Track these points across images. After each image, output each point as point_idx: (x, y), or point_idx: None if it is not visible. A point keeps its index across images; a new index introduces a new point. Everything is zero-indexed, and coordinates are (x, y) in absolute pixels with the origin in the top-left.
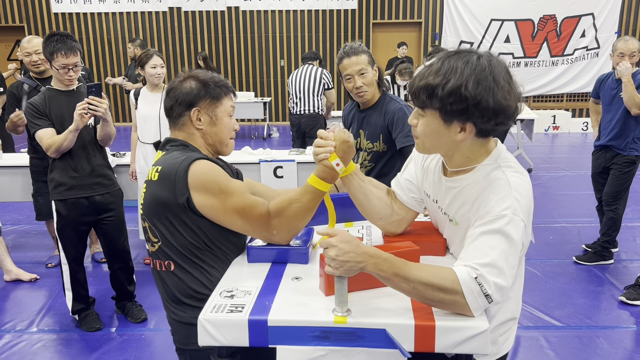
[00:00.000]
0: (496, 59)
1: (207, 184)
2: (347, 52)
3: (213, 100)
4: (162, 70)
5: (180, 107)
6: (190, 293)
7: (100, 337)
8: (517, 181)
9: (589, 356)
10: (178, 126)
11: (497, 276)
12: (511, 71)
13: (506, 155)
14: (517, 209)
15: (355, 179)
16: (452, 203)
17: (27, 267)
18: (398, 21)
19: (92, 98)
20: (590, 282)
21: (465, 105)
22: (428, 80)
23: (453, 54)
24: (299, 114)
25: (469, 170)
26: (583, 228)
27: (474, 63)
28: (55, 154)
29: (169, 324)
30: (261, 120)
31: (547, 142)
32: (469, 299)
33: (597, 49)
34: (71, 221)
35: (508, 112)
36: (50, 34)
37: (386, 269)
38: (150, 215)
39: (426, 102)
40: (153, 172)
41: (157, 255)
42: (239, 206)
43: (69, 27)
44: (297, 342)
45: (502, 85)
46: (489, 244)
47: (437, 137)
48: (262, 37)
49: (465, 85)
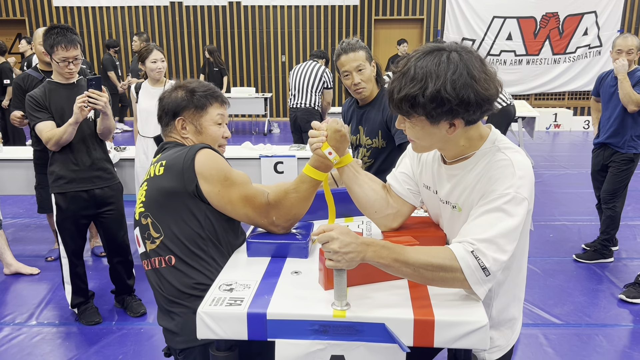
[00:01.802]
0: (465, 51)
1: (212, 171)
2: (345, 48)
3: (197, 110)
4: (162, 64)
5: (167, 117)
6: (194, 285)
7: (99, 331)
8: (520, 159)
9: (587, 354)
10: (168, 133)
11: (495, 251)
12: (480, 55)
13: (502, 138)
14: (520, 186)
15: (350, 170)
16: (454, 190)
17: (27, 261)
18: (400, 17)
19: (92, 91)
20: (589, 280)
21: (449, 107)
22: (407, 90)
23: (422, 56)
24: (295, 107)
25: (469, 157)
26: (583, 226)
27: (446, 62)
28: (54, 146)
29: (169, 327)
30: (262, 115)
31: (548, 140)
32: (467, 273)
33: (600, 47)
34: (71, 214)
35: (491, 99)
36: (51, 26)
37: (385, 256)
38: (154, 209)
39: (410, 111)
40: (157, 167)
41: (157, 252)
42: (242, 194)
43: (70, 20)
44: (295, 336)
45: (478, 78)
46: (489, 222)
47: (428, 136)
48: (263, 33)
49: (444, 87)
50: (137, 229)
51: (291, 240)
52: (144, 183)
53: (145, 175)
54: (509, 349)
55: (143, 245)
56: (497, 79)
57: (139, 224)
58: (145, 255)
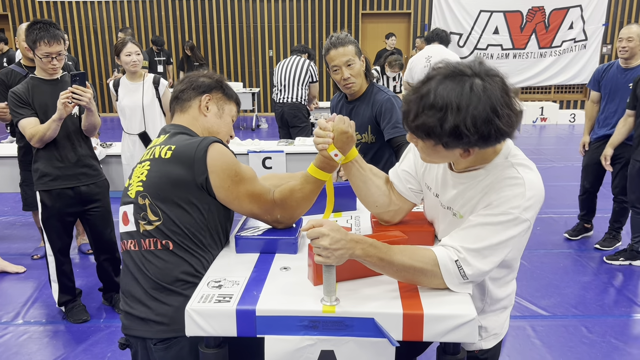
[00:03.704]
0: (491, 80)
1: (224, 166)
2: (334, 42)
3: (225, 97)
4: (137, 57)
5: (193, 92)
6: (191, 272)
7: (87, 329)
8: (532, 179)
9: (574, 345)
10: (184, 109)
11: (479, 261)
12: (505, 80)
13: (516, 152)
14: (526, 208)
15: (355, 166)
16: (458, 198)
17: (13, 259)
18: (387, 12)
19: (76, 87)
20: (576, 272)
21: (467, 141)
22: (424, 119)
23: (443, 80)
24: (282, 103)
25: (479, 169)
26: (570, 219)
27: (469, 94)
28: (38, 143)
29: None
30: (249, 111)
31: (535, 133)
32: (447, 279)
33: (585, 41)
34: (56, 212)
35: (510, 134)
36: (33, 21)
37: (372, 254)
38: (155, 191)
39: (424, 137)
40: (164, 150)
41: (152, 234)
42: (250, 191)
43: (53, 15)
44: (285, 332)
45: (501, 114)
46: (483, 234)
47: (440, 157)
48: (250, 27)
49: (464, 123)
50: (128, 206)
51: (280, 236)
52: (146, 162)
53: (146, 154)
54: (503, 336)
55: (134, 225)
56: (519, 110)
57: (134, 203)
58: (136, 235)
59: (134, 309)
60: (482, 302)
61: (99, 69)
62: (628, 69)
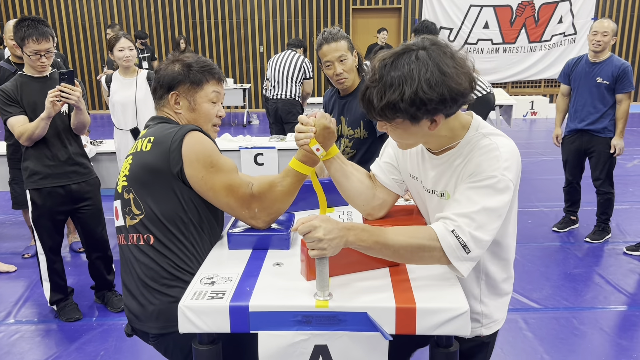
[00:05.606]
0: (433, 47)
1: (199, 155)
2: (326, 38)
3: (193, 86)
4: (130, 52)
5: (162, 89)
6: (171, 268)
7: (79, 328)
8: (505, 142)
9: (566, 337)
10: (161, 106)
11: (475, 229)
12: (449, 46)
13: (484, 124)
14: (506, 169)
15: (337, 161)
16: (440, 179)
17: (3, 258)
18: (378, 7)
19: (65, 85)
20: (567, 265)
21: (431, 106)
22: (387, 97)
23: (391, 60)
24: (275, 99)
25: (454, 146)
26: (560, 212)
27: (416, 63)
28: (27, 142)
29: (136, 312)
30: (240, 107)
31: (525, 127)
32: (448, 252)
33: (574, 35)
34: (47, 211)
35: (465, 93)
36: (21, 18)
37: (366, 238)
38: (137, 184)
39: (392, 116)
40: (144, 142)
41: (136, 229)
42: (226, 183)
43: (41, 11)
44: (279, 327)
45: (450, 73)
46: (472, 199)
47: (412, 136)
48: (240, 23)
49: (421, 88)
50: (117, 202)
51: (272, 232)
52: (129, 156)
53: (132, 148)
54: (503, 323)
55: (122, 219)
56: (469, 70)
57: (121, 198)
58: (124, 230)
59: (130, 304)
60: (479, 285)
61: (87, 66)
62: (595, 63)
